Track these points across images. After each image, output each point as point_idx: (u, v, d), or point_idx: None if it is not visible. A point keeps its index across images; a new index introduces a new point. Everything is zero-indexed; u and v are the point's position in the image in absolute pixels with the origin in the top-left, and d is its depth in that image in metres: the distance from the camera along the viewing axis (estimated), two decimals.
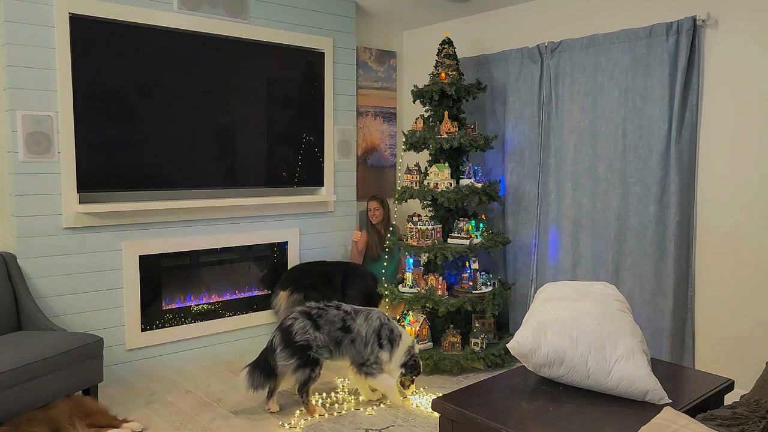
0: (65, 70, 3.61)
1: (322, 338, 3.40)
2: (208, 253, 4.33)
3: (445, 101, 4.36)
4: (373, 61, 5.35)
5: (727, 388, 2.71)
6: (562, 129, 4.31)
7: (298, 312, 3.49)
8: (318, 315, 3.46)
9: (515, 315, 4.67)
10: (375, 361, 3.47)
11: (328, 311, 3.50)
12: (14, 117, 3.49)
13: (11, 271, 3.49)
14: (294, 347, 3.35)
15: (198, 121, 4.14)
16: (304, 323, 3.41)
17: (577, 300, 2.73)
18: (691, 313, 3.78)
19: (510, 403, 2.50)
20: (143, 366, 4.04)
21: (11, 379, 2.84)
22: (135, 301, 3.98)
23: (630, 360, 2.50)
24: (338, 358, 3.50)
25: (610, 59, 4.01)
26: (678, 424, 1.76)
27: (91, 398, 3.27)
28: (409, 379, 3.56)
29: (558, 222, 4.36)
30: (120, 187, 3.88)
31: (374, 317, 3.54)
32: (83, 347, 3.21)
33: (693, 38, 3.64)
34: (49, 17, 3.56)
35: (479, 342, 4.13)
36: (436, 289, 4.16)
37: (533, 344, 2.64)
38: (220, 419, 3.39)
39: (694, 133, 3.72)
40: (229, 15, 4.24)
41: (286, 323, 3.45)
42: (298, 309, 3.52)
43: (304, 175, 4.73)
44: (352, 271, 4.66)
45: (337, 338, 3.45)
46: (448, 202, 4.13)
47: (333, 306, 3.55)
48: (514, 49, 4.54)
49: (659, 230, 3.82)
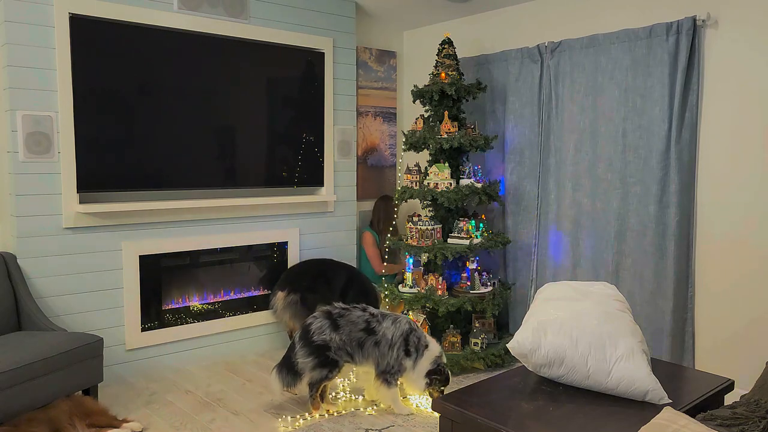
0: (65, 70, 3.61)
1: (339, 339, 3.33)
2: (208, 253, 4.33)
3: (445, 101, 4.37)
4: (373, 61, 5.35)
5: (727, 388, 2.71)
6: (562, 129, 4.31)
7: (320, 312, 3.45)
8: (339, 315, 3.40)
9: (515, 315, 4.68)
10: (398, 369, 3.36)
11: (351, 312, 3.42)
12: (14, 117, 3.49)
13: (11, 271, 3.49)
14: (312, 346, 3.33)
15: (198, 121, 4.14)
16: (322, 323, 3.36)
17: (577, 300, 2.73)
18: (691, 313, 3.78)
19: (510, 403, 2.50)
20: (143, 366, 4.04)
21: (11, 379, 2.84)
22: (135, 301, 3.98)
23: (630, 360, 2.50)
24: (361, 362, 3.40)
25: (610, 59, 4.01)
26: (678, 424, 1.76)
27: (91, 398, 3.27)
28: (437, 389, 3.41)
29: (558, 222, 4.36)
30: (120, 187, 3.88)
31: (403, 322, 3.43)
32: (83, 347, 3.20)
33: (693, 38, 3.64)
34: (49, 17, 3.56)
35: (479, 342, 4.13)
36: (436, 289, 4.16)
37: (533, 344, 2.64)
38: (220, 419, 3.39)
39: (694, 133, 3.72)
40: (229, 15, 4.24)
41: (306, 322, 3.43)
42: (322, 309, 3.47)
43: (304, 175, 4.73)
44: (352, 275, 4.62)
45: (359, 339, 3.36)
46: (448, 202, 4.13)
47: (359, 308, 3.47)
48: (514, 49, 4.54)
49: (659, 230, 3.82)
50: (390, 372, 3.37)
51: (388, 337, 3.37)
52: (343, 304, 3.50)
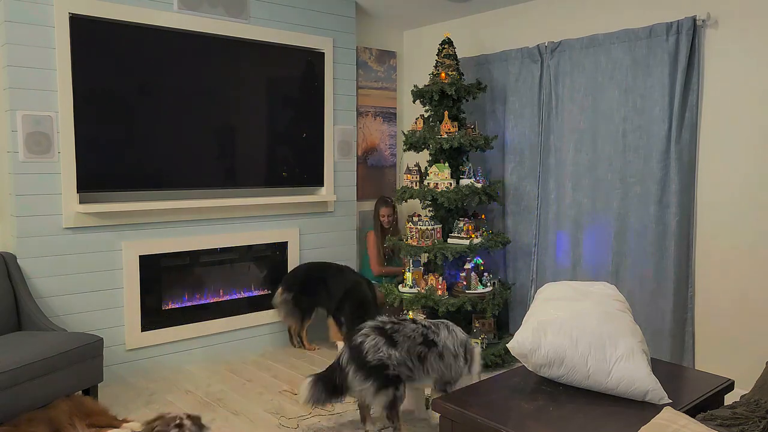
0: (65, 70, 3.61)
1: (399, 356, 2.98)
2: (208, 253, 4.33)
3: (445, 101, 4.36)
4: (373, 61, 5.35)
5: (727, 388, 2.71)
6: (562, 129, 4.31)
7: (369, 327, 3.09)
8: (393, 330, 3.05)
9: (515, 315, 4.68)
10: (458, 377, 3.12)
11: (404, 325, 3.11)
12: (14, 117, 3.49)
13: (11, 271, 3.49)
14: (368, 368, 2.95)
15: (198, 121, 4.14)
16: (377, 340, 3.00)
17: (577, 300, 2.73)
18: (691, 313, 3.78)
19: (510, 403, 2.50)
20: (143, 366, 4.04)
21: (11, 379, 2.84)
22: (135, 301, 3.98)
23: (630, 360, 2.50)
24: (421, 379, 3.08)
25: (610, 59, 4.01)
26: (678, 424, 1.76)
27: (91, 398, 3.27)
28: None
29: (558, 222, 4.36)
30: (120, 187, 3.88)
31: (456, 330, 3.19)
32: (83, 347, 3.20)
33: (693, 38, 3.64)
34: (49, 17, 3.56)
35: (479, 342, 4.13)
36: (436, 289, 4.16)
37: (533, 344, 2.64)
38: (220, 419, 3.39)
39: (694, 133, 3.72)
40: (229, 15, 4.24)
41: (356, 340, 3.04)
42: (370, 324, 3.12)
43: (304, 175, 4.73)
44: (352, 285, 4.45)
45: (420, 354, 3.03)
46: (448, 202, 4.13)
47: (408, 320, 3.19)
48: (514, 49, 4.54)
49: (659, 230, 3.83)
50: (452, 382, 3.13)
51: (450, 348, 3.11)
52: (389, 318, 3.19)
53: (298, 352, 4.55)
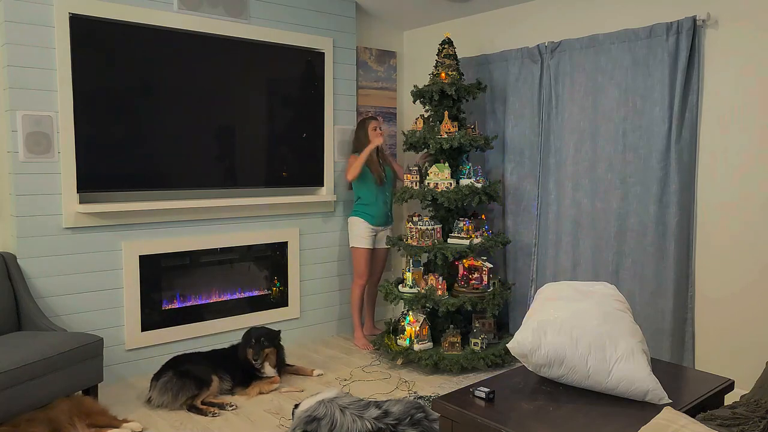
0: (65, 70, 3.61)
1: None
2: (208, 253, 4.33)
3: (445, 101, 4.37)
4: (373, 61, 5.35)
5: (727, 388, 2.71)
6: (562, 129, 4.31)
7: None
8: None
9: (515, 315, 4.68)
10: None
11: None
12: (14, 117, 3.49)
13: (11, 271, 3.49)
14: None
15: (198, 121, 4.14)
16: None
17: (577, 300, 2.73)
18: (691, 313, 3.78)
19: (510, 403, 2.50)
20: (143, 366, 4.04)
21: (11, 379, 2.84)
22: (135, 301, 3.98)
23: (630, 360, 2.50)
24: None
25: (610, 59, 4.01)
26: (678, 424, 1.76)
27: (91, 398, 3.27)
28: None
29: (558, 222, 4.36)
30: (120, 187, 3.88)
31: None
32: (83, 347, 3.21)
33: (693, 38, 3.64)
34: (49, 17, 3.56)
35: (479, 342, 4.13)
36: (436, 289, 4.16)
37: (533, 344, 2.64)
38: (220, 419, 3.39)
39: (694, 133, 3.72)
40: (229, 15, 4.24)
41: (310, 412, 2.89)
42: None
43: (304, 175, 4.73)
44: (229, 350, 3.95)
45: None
46: (448, 202, 4.13)
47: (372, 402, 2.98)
48: (514, 49, 4.54)
49: (659, 230, 3.83)
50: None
51: None
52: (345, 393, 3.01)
53: (299, 352, 4.55)
